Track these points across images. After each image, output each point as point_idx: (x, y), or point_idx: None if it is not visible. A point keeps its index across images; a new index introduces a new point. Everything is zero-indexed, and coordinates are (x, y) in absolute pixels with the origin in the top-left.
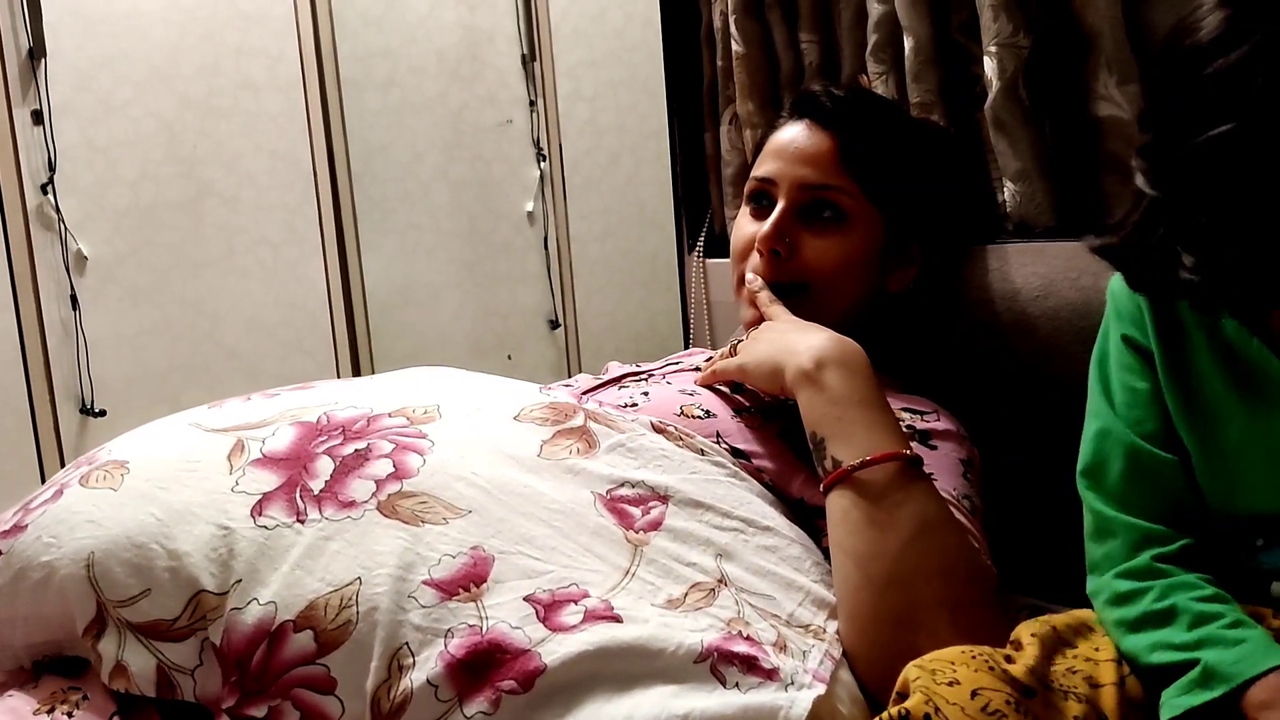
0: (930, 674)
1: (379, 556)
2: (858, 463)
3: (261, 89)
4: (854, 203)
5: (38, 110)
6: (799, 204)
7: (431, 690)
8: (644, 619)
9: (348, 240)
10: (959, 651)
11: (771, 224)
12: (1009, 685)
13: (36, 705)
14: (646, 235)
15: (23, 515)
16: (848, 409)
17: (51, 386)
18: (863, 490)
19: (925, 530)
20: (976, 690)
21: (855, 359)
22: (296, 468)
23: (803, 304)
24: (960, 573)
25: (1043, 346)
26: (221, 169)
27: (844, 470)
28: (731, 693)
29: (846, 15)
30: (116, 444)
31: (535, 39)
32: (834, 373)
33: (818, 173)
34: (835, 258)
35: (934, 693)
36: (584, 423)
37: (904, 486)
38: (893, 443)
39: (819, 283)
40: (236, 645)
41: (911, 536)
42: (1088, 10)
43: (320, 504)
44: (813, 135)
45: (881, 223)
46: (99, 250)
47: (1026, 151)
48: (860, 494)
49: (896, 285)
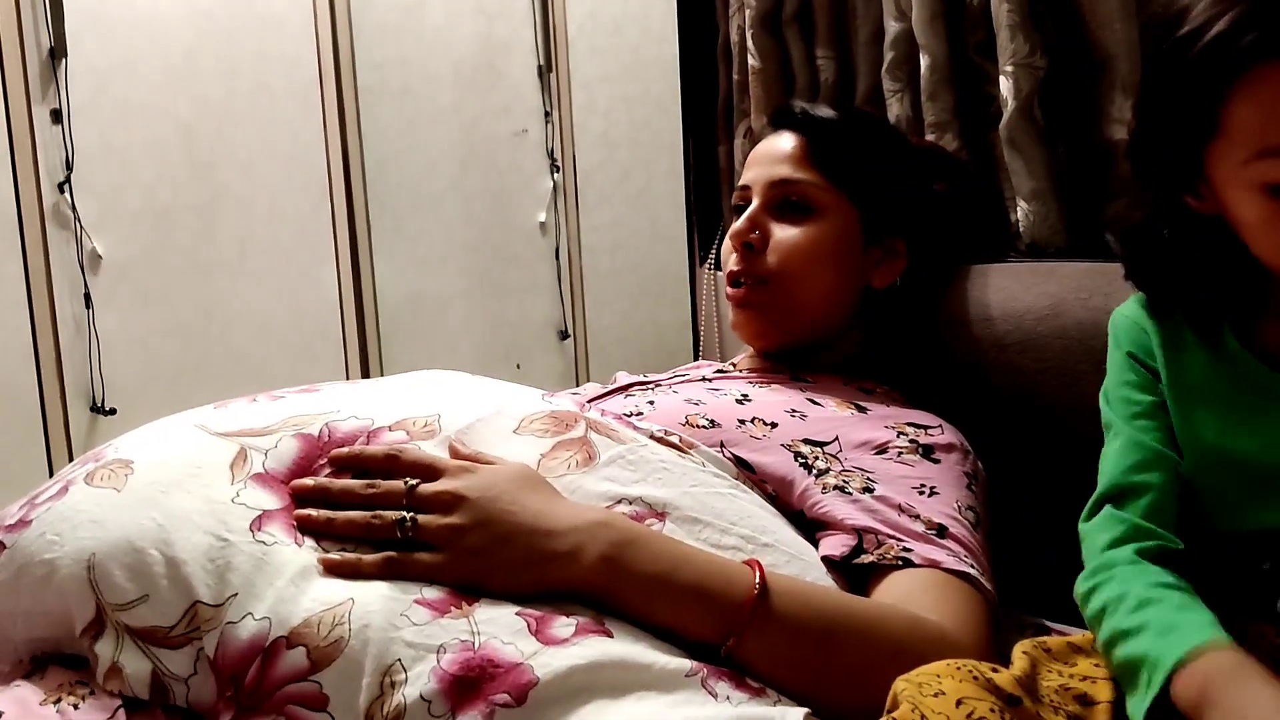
0: (917, 686)
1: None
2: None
3: (278, 94)
4: (823, 194)
5: (57, 110)
6: (770, 200)
7: (425, 705)
8: (634, 635)
9: (360, 247)
10: (945, 665)
11: (744, 218)
12: (994, 694)
13: (43, 696)
14: (657, 248)
15: (28, 510)
16: (677, 578)
17: (63, 384)
18: (771, 642)
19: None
20: (961, 699)
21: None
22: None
23: (772, 295)
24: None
25: (1051, 365)
26: (237, 172)
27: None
28: (724, 705)
29: (863, 32)
30: (123, 442)
31: (551, 51)
32: (635, 552)
33: (786, 168)
34: (802, 245)
35: (921, 703)
36: (584, 433)
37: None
38: (736, 573)
39: (789, 271)
40: (231, 659)
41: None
42: (1103, 33)
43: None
44: (784, 139)
45: (856, 215)
46: (113, 250)
47: (1040, 172)
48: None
49: (881, 281)
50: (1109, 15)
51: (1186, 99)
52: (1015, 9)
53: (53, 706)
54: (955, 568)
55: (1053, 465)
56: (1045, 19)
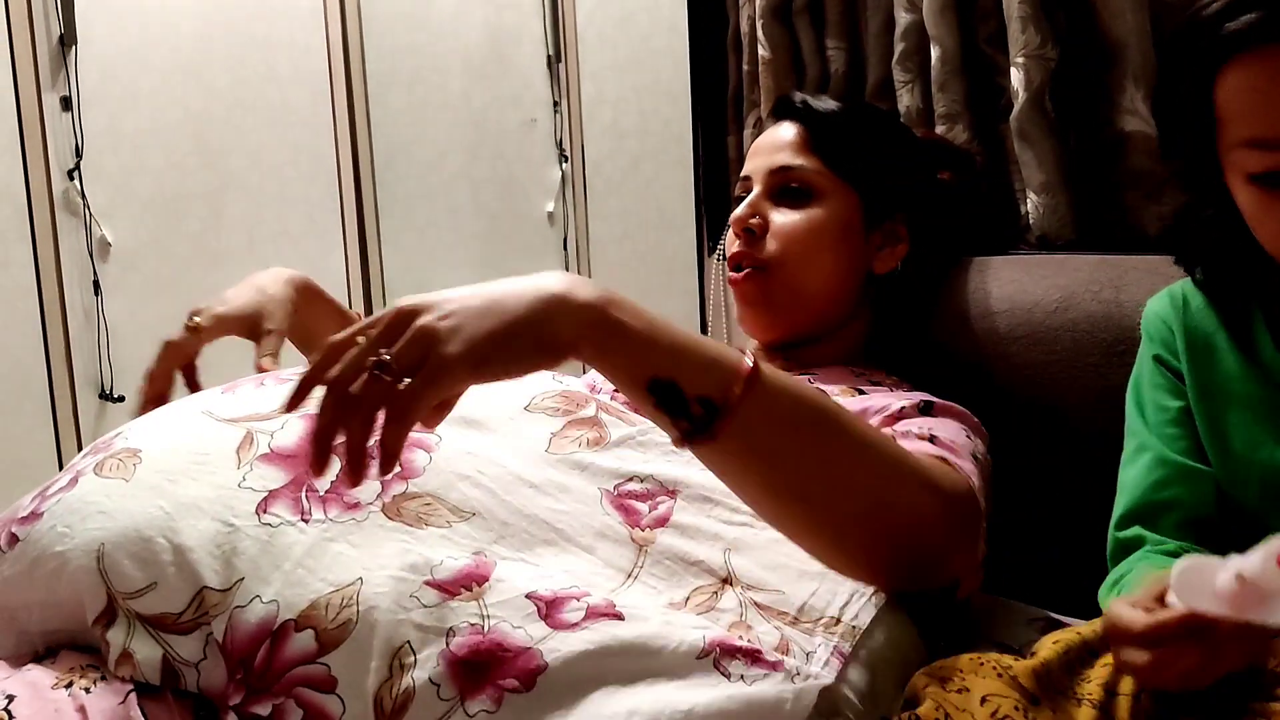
0: (939, 682)
1: (381, 558)
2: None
3: (287, 82)
4: (823, 179)
5: (67, 97)
6: (771, 187)
7: (434, 689)
8: (645, 616)
9: (369, 236)
10: (968, 659)
11: (744, 205)
12: (1017, 691)
13: (55, 680)
14: (665, 238)
15: (40, 502)
16: (669, 332)
17: (72, 371)
18: (770, 410)
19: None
20: (986, 696)
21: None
22: (303, 466)
23: (773, 281)
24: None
25: (1061, 358)
26: (245, 161)
27: (739, 397)
28: (736, 685)
29: (874, 23)
30: (131, 430)
31: (561, 41)
32: (619, 304)
33: (786, 155)
34: (802, 229)
35: (944, 700)
36: (595, 413)
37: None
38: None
39: (789, 256)
40: (240, 643)
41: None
42: (1115, 24)
43: (325, 504)
44: (785, 128)
45: (856, 199)
46: (122, 237)
47: (1050, 164)
48: (768, 417)
49: (883, 266)
50: (1120, 6)
51: (1187, 82)
52: (1026, 0)
53: (64, 690)
54: (962, 464)
55: (1062, 459)
56: (1056, 10)
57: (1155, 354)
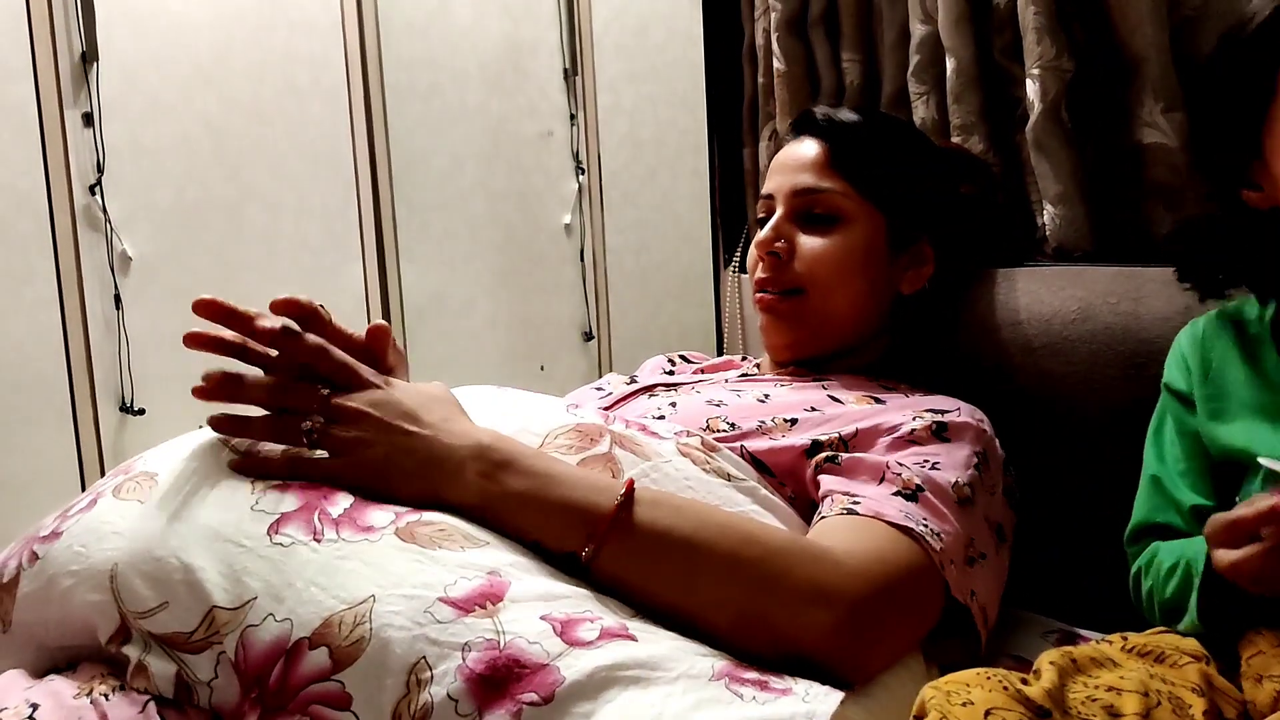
0: (945, 695)
1: (394, 576)
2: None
3: (306, 94)
4: (849, 202)
5: (88, 113)
6: (795, 209)
7: (452, 704)
8: (657, 640)
9: (387, 247)
10: (974, 674)
11: (768, 228)
12: (1023, 705)
13: (76, 689)
14: (681, 249)
15: (60, 522)
16: (544, 493)
17: (93, 384)
18: (633, 550)
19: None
20: (990, 710)
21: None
22: (317, 494)
23: (803, 305)
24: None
25: (1079, 370)
26: (265, 173)
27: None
28: (750, 705)
29: (889, 35)
30: (151, 454)
31: (577, 52)
32: (517, 470)
33: (810, 176)
34: (831, 255)
35: (949, 713)
36: (609, 449)
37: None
38: (607, 487)
39: (817, 282)
40: (254, 661)
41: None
42: (1134, 36)
43: (338, 527)
44: (807, 146)
45: (882, 221)
46: (143, 250)
47: (1067, 175)
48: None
49: (910, 286)
50: (1139, 19)
51: (1243, 71)
52: (1042, 11)
53: (86, 698)
54: (899, 522)
55: (1080, 470)
56: (1072, 21)
57: (1166, 382)
